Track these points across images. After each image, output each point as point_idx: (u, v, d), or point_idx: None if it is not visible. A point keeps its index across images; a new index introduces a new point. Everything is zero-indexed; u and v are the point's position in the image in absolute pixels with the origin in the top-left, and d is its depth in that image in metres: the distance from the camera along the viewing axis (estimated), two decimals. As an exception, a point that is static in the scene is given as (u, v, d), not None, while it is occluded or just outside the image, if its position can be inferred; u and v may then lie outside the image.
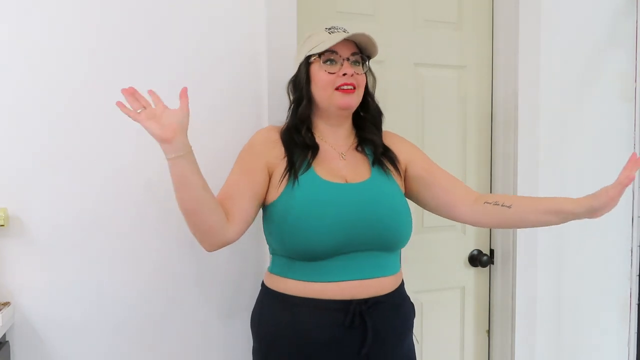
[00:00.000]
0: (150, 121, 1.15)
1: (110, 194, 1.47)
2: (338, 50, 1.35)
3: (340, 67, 1.35)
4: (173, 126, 1.15)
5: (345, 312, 1.29)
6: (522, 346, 1.97)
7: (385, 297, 1.34)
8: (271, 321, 1.35)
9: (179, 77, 1.52)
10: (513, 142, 1.95)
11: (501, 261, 2.01)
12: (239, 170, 1.37)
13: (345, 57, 1.35)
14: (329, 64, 1.35)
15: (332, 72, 1.35)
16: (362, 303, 1.30)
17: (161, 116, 1.16)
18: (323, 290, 1.30)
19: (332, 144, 1.41)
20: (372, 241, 1.32)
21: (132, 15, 1.48)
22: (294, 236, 1.29)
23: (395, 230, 1.35)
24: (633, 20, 2.12)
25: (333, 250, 1.29)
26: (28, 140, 1.40)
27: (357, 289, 1.30)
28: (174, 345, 1.55)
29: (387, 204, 1.36)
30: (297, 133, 1.38)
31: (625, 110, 2.12)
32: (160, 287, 1.52)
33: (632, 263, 2.15)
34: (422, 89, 1.92)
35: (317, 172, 1.34)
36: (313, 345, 1.30)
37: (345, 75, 1.33)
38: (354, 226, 1.29)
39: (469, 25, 1.98)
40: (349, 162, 1.40)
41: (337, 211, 1.29)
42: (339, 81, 1.34)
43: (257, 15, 1.59)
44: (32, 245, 1.41)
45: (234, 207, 1.28)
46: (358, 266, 1.31)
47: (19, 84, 1.39)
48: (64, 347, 1.45)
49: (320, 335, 1.29)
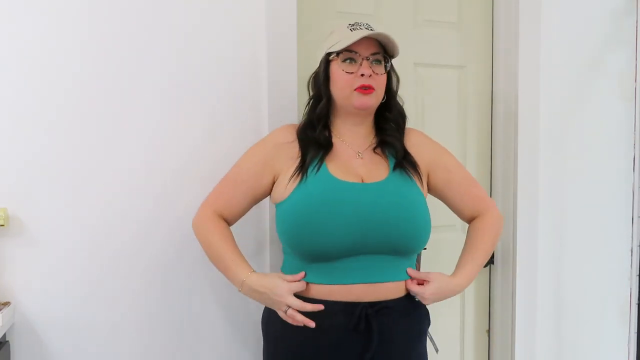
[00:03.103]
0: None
1: (110, 193, 1.47)
2: (357, 49, 1.30)
3: (360, 66, 1.30)
4: None
5: (351, 315, 1.26)
6: (522, 346, 1.97)
7: (394, 302, 1.30)
8: (278, 321, 1.32)
9: (178, 79, 1.52)
10: (513, 141, 1.95)
11: (501, 261, 2.00)
12: (241, 171, 1.39)
13: (365, 56, 1.31)
14: (348, 62, 1.31)
15: (351, 71, 1.31)
16: (369, 306, 1.27)
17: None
18: (330, 292, 1.28)
19: (349, 143, 1.37)
20: (385, 244, 1.28)
21: (132, 16, 1.48)
22: (302, 236, 1.27)
23: (410, 234, 1.30)
24: (633, 20, 2.12)
25: (343, 251, 1.26)
26: (28, 140, 1.40)
27: (365, 292, 1.27)
28: (175, 346, 1.55)
29: (404, 206, 1.30)
30: (312, 130, 1.36)
31: (625, 110, 2.12)
32: (162, 287, 1.53)
33: (632, 263, 2.15)
34: (422, 89, 1.91)
35: (330, 169, 1.31)
36: (316, 348, 1.28)
37: (363, 76, 1.30)
38: (367, 228, 1.26)
39: (469, 25, 1.98)
40: (366, 162, 1.35)
41: (349, 211, 1.26)
42: (357, 82, 1.30)
43: (257, 15, 1.59)
44: (32, 245, 1.41)
45: (232, 216, 1.41)
46: (368, 269, 1.27)
47: (19, 84, 1.39)
48: (64, 347, 1.45)
49: (324, 337, 1.28)
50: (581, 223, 2.07)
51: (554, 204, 2.00)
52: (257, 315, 1.47)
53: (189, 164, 1.54)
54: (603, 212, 2.10)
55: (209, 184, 1.53)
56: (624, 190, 2.13)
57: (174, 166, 1.53)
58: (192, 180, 1.54)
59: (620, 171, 2.13)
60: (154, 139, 1.51)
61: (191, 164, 1.54)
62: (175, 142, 1.53)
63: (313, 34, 1.70)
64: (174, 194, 1.53)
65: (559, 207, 2.02)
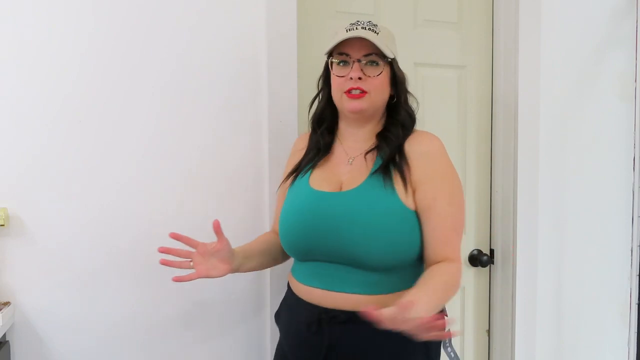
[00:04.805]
0: (210, 271, 1.25)
1: (110, 193, 1.47)
2: (349, 50, 1.26)
3: (351, 69, 1.26)
4: (226, 261, 1.27)
5: (311, 316, 1.26)
6: (522, 346, 1.97)
7: (356, 315, 1.16)
8: (276, 315, 1.42)
9: (178, 79, 1.52)
10: (513, 142, 1.95)
11: (501, 261, 2.00)
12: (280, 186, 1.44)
13: (356, 58, 1.26)
14: (341, 65, 1.28)
15: (342, 75, 1.27)
16: (324, 312, 1.24)
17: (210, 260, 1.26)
18: (301, 291, 1.31)
19: (347, 147, 1.35)
20: (336, 254, 1.22)
21: (133, 16, 1.48)
22: (280, 237, 1.34)
23: (362, 247, 1.19)
24: (633, 20, 2.12)
25: (300, 255, 1.31)
26: (28, 141, 1.40)
27: (323, 298, 1.25)
28: (176, 346, 1.55)
29: (360, 218, 1.20)
30: (314, 133, 1.39)
31: (625, 110, 2.12)
32: (162, 287, 1.53)
33: (632, 263, 2.15)
34: (422, 89, 1.91)
35: (312, 177, 1.32)
36: (288, 344, 1.33)
37: (352, 79, 1.25)
38: (312, 236, 1.24)
39: (469, 25, 1.98)
40: (353, 168, 1.31)
41: (299, 219, 1.27)
42: (347, 85, 1.26)
43: (257, 15, 1.59)
44: (32, 245, 1.41)
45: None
46: (325, 275, 1.25)
47: (19, 84, 1.40)
48: (64, 347, 1.45)
49: (293, 334, 1.32)
50: (581, 223, 2.07)
51: (554, 204, 2.00)
52: (258, 313, 1.47)
53: (189, 164, 1.54)
54: (603, 212, 2.10)
55: (209, 184, 1.54)
56: (624, 190, 2.13)
57: (174, 166, 1.53)
58: (192, 180, 1.54)
59: (620, 171, 2.13)
60: (154, 139, 1.51)
61: (191, 164, 1.54)
62: (175, 142, 1.53)
63: (313, 34, 1.70)
64: (175, 194, 1.53)
65: (559, 207, 2.02)
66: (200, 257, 1.25)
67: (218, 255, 1.26)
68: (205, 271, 1.25)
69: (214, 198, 1.55)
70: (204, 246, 1.25)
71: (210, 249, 1.25)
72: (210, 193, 1.55)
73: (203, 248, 1.25)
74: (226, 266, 1.27)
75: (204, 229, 1.54)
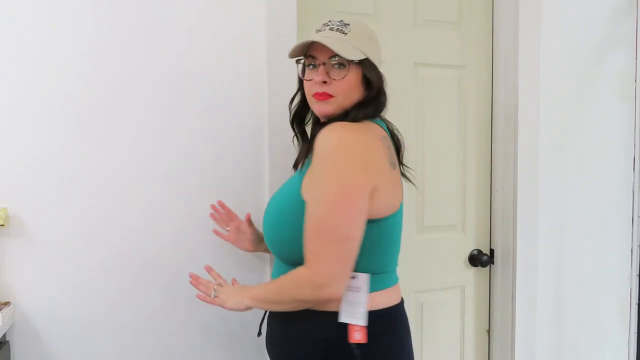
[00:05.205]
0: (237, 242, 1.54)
1: (110, 193, 1.47)
2: (315, 53, 1.23)
3: (317, 72, 1.23)
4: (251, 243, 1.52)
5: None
6: (522, 346, 1.97)
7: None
8: None
9: (178, 79, 1.52)
10: (513, 142, 1.95)
11: (501, 261, 2.00)
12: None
13: (322, 61, 1.22)
14: (310, 68, 1.25)
15: (309, 78, 1.25)
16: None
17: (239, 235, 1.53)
18: None
19: None
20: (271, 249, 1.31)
21: (133, 16, 1.48)
22: None
23: (268, 239, 1.29)
24: (633, 20, 2.12)
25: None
26: (28, 140, 1.40)
27: None
28: (176, 345, 1.55)
29: (270, 210, 1.28)
30: (294, 132, 1.40)
31: (625, 110, 2.13)
32: (162, 286, 1.53)
33: (632, 263, 2.15)
34: (422, 89, 1.91)
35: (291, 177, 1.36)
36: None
37: (317, 83, 1.22)
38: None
39: (469, 25, 1.98)
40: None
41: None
42: (314, 89, 1.24)
43: (257, 15, 1.59)
44: (32, 245, 1.41)
45: None
46: (274, 270, 1.33)
47: (19, 84, 1.39)
48: (64, 347, 1.45)
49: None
50: (581, 223, 2.07)
51: (554, 204, 2.01)
52: (258, 312, 1.47)
53: (189, 164, 1.54)
54: (603, 212, 2.10)
55: (208, 184, 1.54)
56: (624, 191, 2.14)
57: (174, 166, 1.53)
58: (192, 180, 1.54)
59: (620, 171, 2.13)
60: (155, 139, 1.51)
61: (191, 164, 1.54)
62: (175, 142, 1.53)
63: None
64: (175, 194, 1.53)
65: (559, 207, 2.02)
66: (235, 229, 1.52)
67: (245, 237, 1.52)
68: (233, 240, 1.53)
69: (213, 197, 1.55)
70: (240, 223, 1.52)
71: (242, 228, 1.52)
72: (210, 193, 1.55)
73: (238, 223, 1.52)
74: (250, 247, 1.52)
75: (205, 229, 1.55)
